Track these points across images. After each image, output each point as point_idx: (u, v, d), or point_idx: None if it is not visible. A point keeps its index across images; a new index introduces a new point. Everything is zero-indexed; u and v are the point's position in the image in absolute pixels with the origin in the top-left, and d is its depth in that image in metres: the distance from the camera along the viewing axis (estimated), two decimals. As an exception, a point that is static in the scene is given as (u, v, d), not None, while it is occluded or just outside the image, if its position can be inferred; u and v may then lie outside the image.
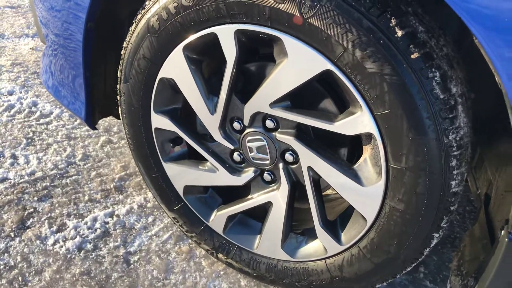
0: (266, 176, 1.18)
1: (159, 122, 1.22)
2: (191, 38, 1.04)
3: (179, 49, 1.07)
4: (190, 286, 1.34)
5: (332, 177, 1.03)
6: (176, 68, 1.10)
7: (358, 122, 0.92)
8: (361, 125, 0.92)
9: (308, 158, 1.05)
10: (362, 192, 0.99)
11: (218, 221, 1.29)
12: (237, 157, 1.19)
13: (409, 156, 0.89)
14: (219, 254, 1.34)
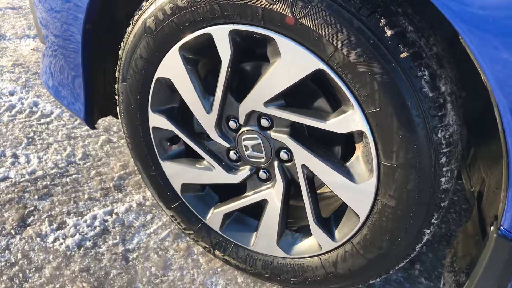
0: (262, 174, 1.19)
1: (157, 121, 1.24)
2: (187, 38, 1.06)
3: (175, 49, 1.09)
4: (187, 282, 1.36)
5: (325, 174, 1.04)
6: (172, 68, 1.12)
7: (350, 120, 0.93)
8: (352, 123, 0.93)
9: (302, 156, 1.07)
10: (355, 189, 1.01)
11: (215, 218, 1.31)
12: (233, 155, 1.21)
13: (399, 153, 0.90)
14: (216, 251, 1.36)
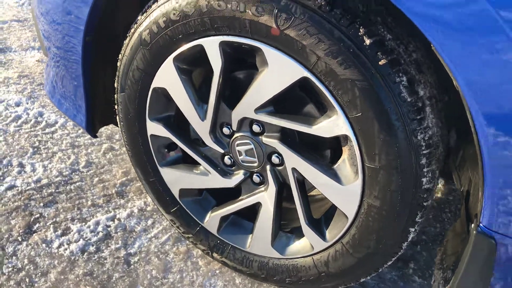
0: (255, 178, 1.24)
1: (154, 129, 1.29)
2: (180, 50, 1.11)
3: (170, 60, 1.14)
4: (187, 284, 1.41)
5: (314, 177, 1.09)
6: (167, 78, 1.18)
7: (334, 125, 0.98)
8: (337, 127, 0.98)
9: (292, 160, 1.11)
10: (342, 190, 1.06)
11: (213, 222, 1.36)
12: (227, 160, 1.26)
13: (381, 155, 0.95)
14: (214, 253, 1.41)
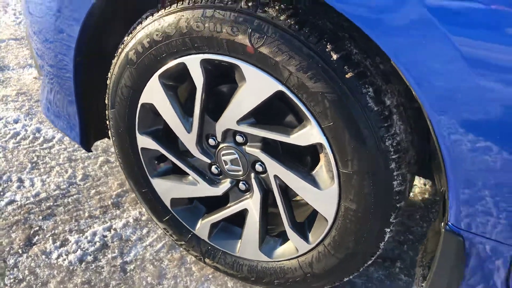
0: (241, 185, 1.30)
1: (144, 142, 1.36)
2: (165, 68, 1.18)
3: (155, 77, 1.21)
4: (181, 290, 1.47)
5: (294, 183, 1.15)
6: (154, 94, 1.24)
7: (309, 134, 1.05)
8: (312, 136, 1.05)
9: (273, 167, 1.18)
10: (321, 195, 1.12)
11: (203, 228, 1.42)
12: (214, 170, 1.32)
13: (353, 161, 1.01)
14: (206, 259, 1.47)
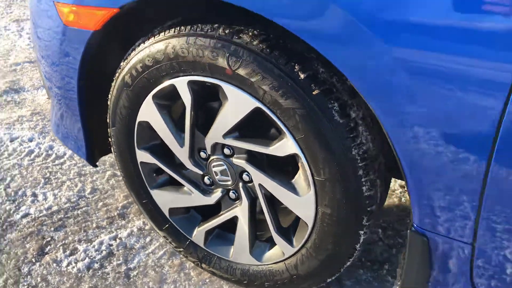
0: (231, 194, 1.41)
1: (143, 157, 1.48)
2: (157, 89, 1.30)
3: (149, 98, 1.33)
4: (181, 293, 1.57)
5: (276, 191, 1.25)
6: (149, 113, 1.37)
7: (285, 145, 1.15)
8: (288, 148, 1.15)
9: (258, 177, 1.28)
10: (300, 201, 1.22)
11: (199, 236, 1.53)
12: (207, 180, 1.43)
13: (325, 169, 1.11)
14: (203, 264, 1.57)
